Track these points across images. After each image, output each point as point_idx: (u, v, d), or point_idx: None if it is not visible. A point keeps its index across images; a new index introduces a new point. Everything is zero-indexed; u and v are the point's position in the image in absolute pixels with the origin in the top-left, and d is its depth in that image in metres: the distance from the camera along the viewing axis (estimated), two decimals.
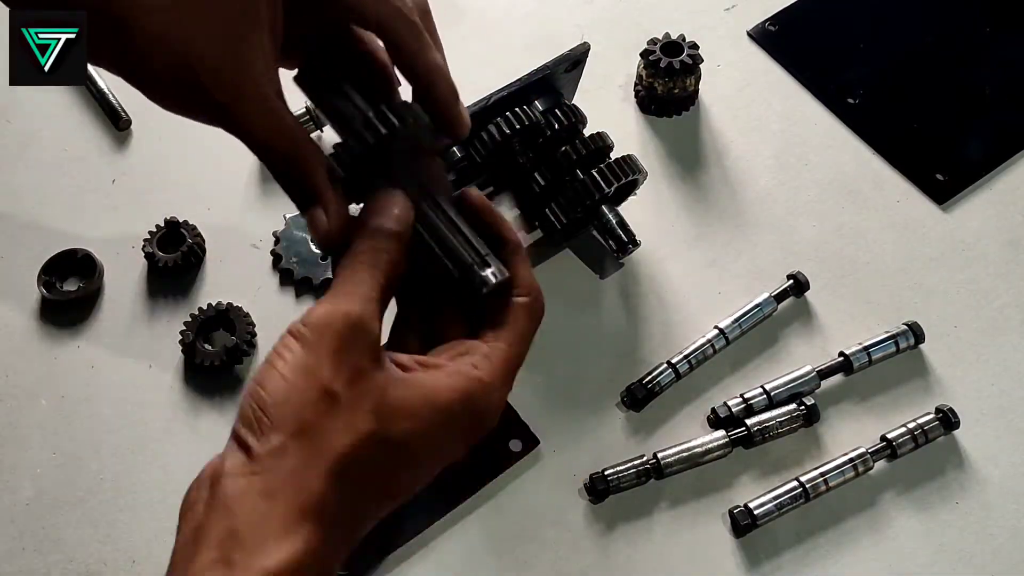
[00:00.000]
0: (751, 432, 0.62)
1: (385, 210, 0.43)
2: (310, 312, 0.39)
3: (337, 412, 0.37)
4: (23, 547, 0.60)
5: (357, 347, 0.39)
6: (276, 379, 0.38)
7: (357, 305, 0.39)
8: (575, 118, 0.67)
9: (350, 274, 0.41)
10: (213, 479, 0.37)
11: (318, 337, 0.38)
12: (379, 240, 0.42)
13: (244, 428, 0.37)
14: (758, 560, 0.59)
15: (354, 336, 0.39)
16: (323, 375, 0.37)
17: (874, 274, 0.70)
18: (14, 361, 0.67)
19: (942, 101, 0.79)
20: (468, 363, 0.42)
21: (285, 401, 0.37)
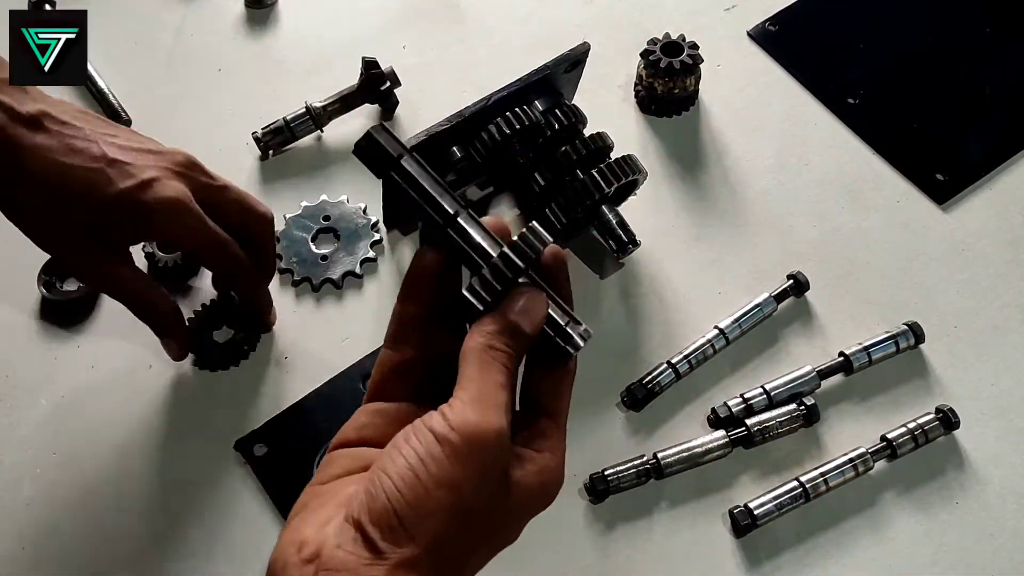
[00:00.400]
0: (751, 432, 0.62)
1: (527, 312, 0.42)
2: (456, 414, 0.39)
3: (470, 532, 0.38)
4: (23, 547, 0.60)
5: (498, 467, 0.39)
6: (416, 485, 0.37)
7: (505, 418, 0.39)
8: (575, 118, 0.67)
9: (490, 374, 0.40)
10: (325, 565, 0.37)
11: (466, 452, 0.38)
12: (515, 339, 0.42)
13: (374, 528, 0.37)
14: (758, 560, 0.59)
15: (499, 453, 0.39)
16: (465, 495, 0.38)
17: (874, 274, 0.70)
18: (14, 361, 0.67)
19: (942, 101, 0.79)
20: (548, 450, 0.43)
21: (424, 514, 0.37)
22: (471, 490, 0.38)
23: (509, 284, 0.42)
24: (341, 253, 0.71)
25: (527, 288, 0.43)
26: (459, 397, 0.40)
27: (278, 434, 0.63)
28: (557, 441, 0.43)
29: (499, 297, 0.42)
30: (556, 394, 0.44)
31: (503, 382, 0.40)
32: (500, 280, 0.42)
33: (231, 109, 0.79)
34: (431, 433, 0.38)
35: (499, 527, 0.41)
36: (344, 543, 0.37)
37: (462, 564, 0.39)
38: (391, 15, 0.86)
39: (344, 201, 0.74)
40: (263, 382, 0.66)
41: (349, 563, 0.37)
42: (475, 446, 0.38)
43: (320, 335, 0.68)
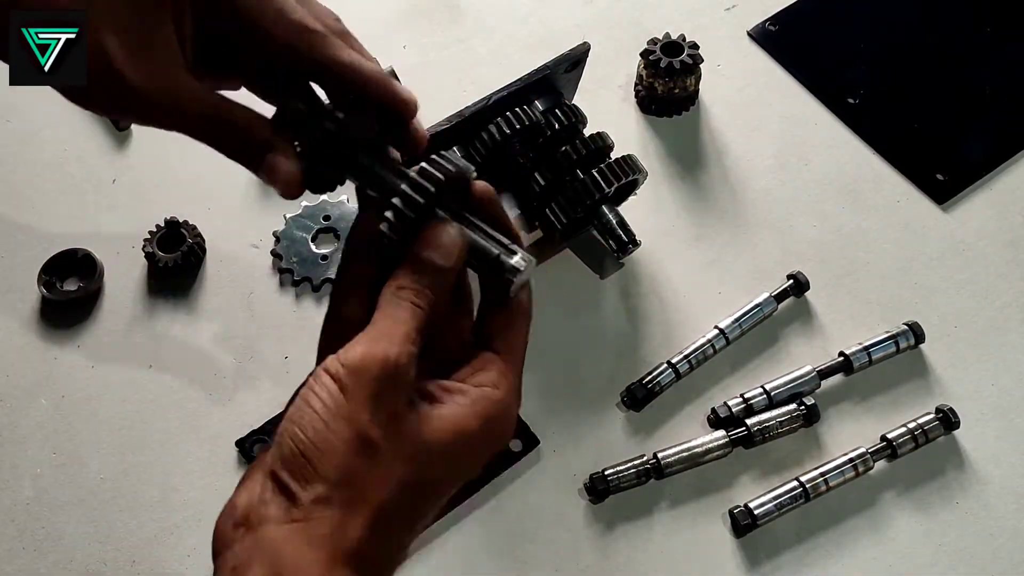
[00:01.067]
0: (751, 432, 0.62)
1: (435, 242, 0.41)
2: (347, 351, 0.39)
3: (377, 461, 0.38)
4: (23, 547, 0.60)
5: (394, 392, 0.39)
6: (317, 424, 0.38)
7: (395, 347, 0.39)
8: (575, 118, 0.67)
9: (392, 311, 0.40)
10: (252, 520, 0.38)
11: (356, 382, 0.38)
12: (427, 275, 0.41)
13: (286, 472, 0.38)
14: (758, 560, 0.59)
15: (391, 382, 0.39)
16: (361, 422, 0.38)
17: (874, 274, 0.70)
18: (14, 361, 0.67)
19: (942, 101, 0.79)
20: (489, 383, 0.42)
21: (328, 450, 0.37)
22: (366, 416, 0.38)
23: (422, 213, 0.41)
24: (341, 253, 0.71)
25: (436, 222, 0.42)
26: (356, 338, 0.40)
27: None
28: (502, 376, 0.42)
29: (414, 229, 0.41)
30: (503, 327, 0.44)
31: (404, 317, 0.40)
32: (412, 208, 0.41)
33: None
34: (325, 373, 0.39)
35: (422, 462, 0.40)
36: (263, 495, 0.38)
37: (382, 501, 0.38)
38: (391, 15, 0.86)
39: (344, 201, 0.74)
40: (263, 382, 0.66)
41: (271, 514, 0.37)
42: (361, 376, 0.38)
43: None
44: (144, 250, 0.70)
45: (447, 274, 0.42)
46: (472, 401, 0.41)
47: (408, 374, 0.39)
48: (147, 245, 0.70)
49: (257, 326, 0.68)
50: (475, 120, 0.64)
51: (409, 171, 0.42)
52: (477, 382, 0.42)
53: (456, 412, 0.41)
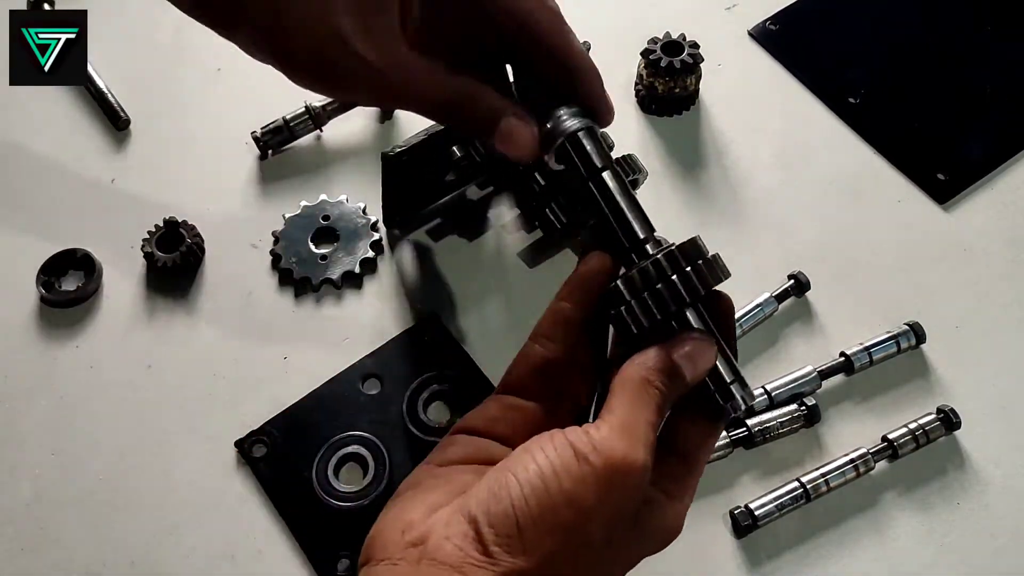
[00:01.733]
0: (752, 432, 0.62)
1: (694, 360, 0.40)
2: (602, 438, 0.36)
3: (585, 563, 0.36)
4: (22, 547, 0.60)
5: (634, 504, 0.37)
6: (544, 497, 0.35)
7: (649, 456, 0.37)
8: None
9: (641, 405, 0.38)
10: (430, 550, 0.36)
11: (605, 480, 0.36)
12: (674, 384, 0.40)
13: (490, 529, 0.36)
14: (759, 561, 0.59)
15: (637, 493, 0.37)
16: (593, 524, 0.36)
17: (875, 274, 0.70)
18: (13, 361, 0.67)
19: (943, 101, 0.79)
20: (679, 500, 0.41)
21: (546, 531, 0.35)
22: (600, 519, 0.36)
23: (669, 316, 0.40)
24: (340, 253, 0.71)
25: (700, 335, 0.40)
26: (607, 421, 0.37)
27: (277, 434, 0.63)
28: (687, 489, 0.42)
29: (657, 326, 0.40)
30: (699, 444, 0.42)
31: (653, 421, 0.38)
32: (661, 309, 0.40)
33: (231, 109, 0.79)
34: (571, 448, 0.36)
35: (611, 564, 0.39)
36: (454, 536, 0.36)
37: None
38: None
39: (343, 201, 0.74)
40: (262, 382, 0.66)
41: (455, 558, 0.35)
42: (617, 476, 0.36)
43: (319, 335, 0.68)
44: (143, 250, 0.70)
45: (683, 391, 0.40)
46: (665, 515, 0.40)
47: (646, 481, 0.38)
48: (146, 245, 0.70)
49: (256, 326, 0.68)
50: None
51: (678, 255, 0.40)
52: (670, 492, 0.41)
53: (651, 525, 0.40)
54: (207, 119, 0.79)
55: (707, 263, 0.41)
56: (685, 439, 0.42)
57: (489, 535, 0.35)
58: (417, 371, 0.65)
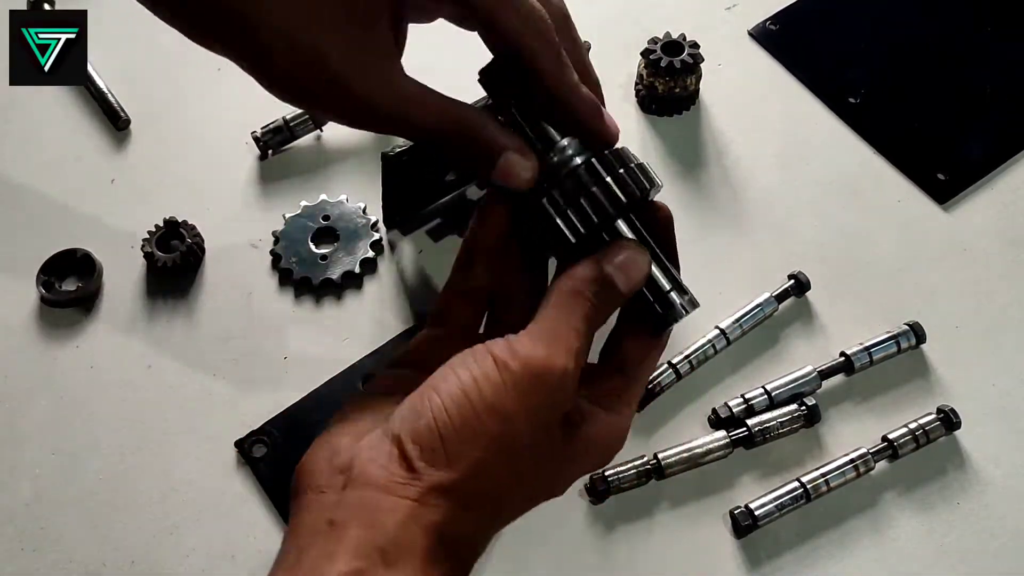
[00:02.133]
0: (752, 432, 0.62)
1: (626, 269, 0.39)
2: (523, 344, 0.36)
3: (513, 468, 0.36)
4: (22, 547, 0.60)
5: (557, 407, 0.37)
6: (465, 407, 0.35)
7: (572, 360, 0.37)
8: None
9: (567, 313, 0.38)
10: (356, 475, 0.35)
11: (526, 384, 0.35)
12: (606, 292, 0.39)
13: (412, 444, 0.35)
14: (759, 561, 0.59)
15: (560, 396, 0.37)
16: (516, 427, 0.35)
17: (875, 274, 0.70)
18: (13, 361, 0.67)
19: (943, 101, 0.79)
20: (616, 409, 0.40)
21: (468, 439, 0.35)
22: (523, 425, 0.35)
23: (608, 220, 0.39)
24: (340, 253, 0.71)
25: (630, 243, 0.40)
26: (529, 330, 0.37)
27: (278, 434, 0.63)
28: (627, 404, 0.41)
29: (594, 233, 0.39)
30: (640, 358, 0.42)
31: (580, 329, 0.38)
32: (599, 214, 0.39)
33: (231, 109, 0.79)
34: (491, 357, 0.36)
35: (545, 477, 0.39)
36: (378, 457, 0.35)
37: (497, 503, 0.37)
38: None
39: (343, 201, 0.74)
40: (263, 382, 0.66)
41: (381, 478, 0.35)
42: (536, 380, 0.35)
43: (319, 335, 0.68)
44: (143, 250, 0.70)
45: (618, 301, 0.40)
46: (602, 428, 0.40)
47: (574, 387, 0.37)
48: (146, 245, 0.70)
49: (256, 326, 0.68)
50: None
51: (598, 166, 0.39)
52: (608, 406, 0.40)
53: (587, 436, 0.39)
54: (207, 119, 0.79)
55: (631, 171, 0.40)
56: (625, 353, 0.42)
57: (413, 451, 0.35)
58: None
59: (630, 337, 0.42)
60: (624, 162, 0.40)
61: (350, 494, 0.35)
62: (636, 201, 0.40)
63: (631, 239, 0.41)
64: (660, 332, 0.42)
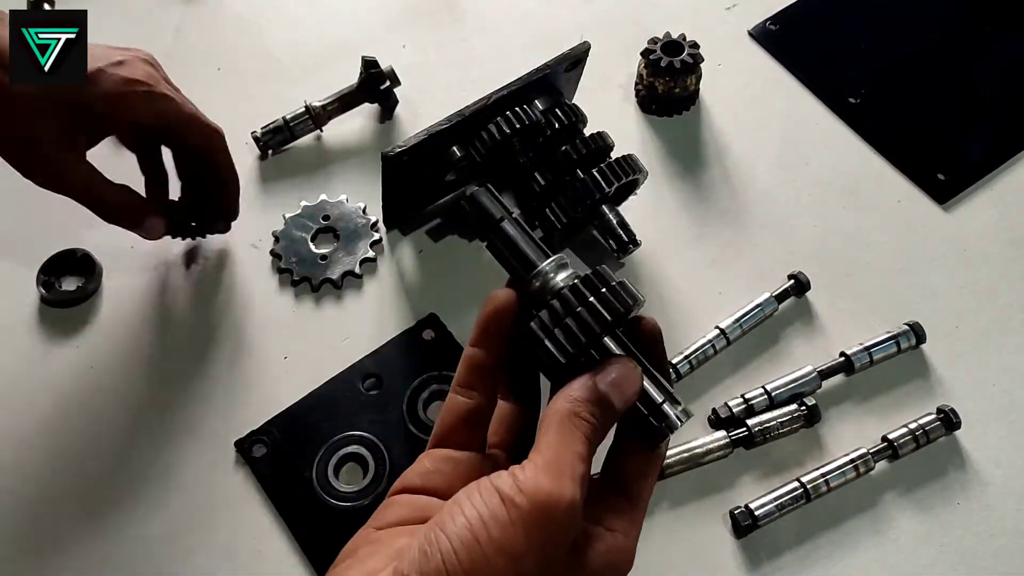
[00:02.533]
0: (752, 432, 0.62)
1: (620, 386, 0.40)
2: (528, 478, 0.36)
3: None
4: (22, 547, 0.60)
5: (565, 541, 0.37)
6: (474, 549, 0.35)
7: (577, 489, 0.36)
8: (575, 117, 0.67)
9: (569, 439, 0.38)
10: None
11: (533, 520, 0.35)
12: (603, 411, 0.39)
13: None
14: (759, 561, 0.59)
15: (568, 527, 0.36)
16: (525, 566, 0.35)
17: (875, 274, 0.70)
18: (13, 361, 0.67)
19: (943, 101, 0.79)
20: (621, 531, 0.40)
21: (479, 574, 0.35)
22: (533, 562, 0.35)
23: (596, 339, 0.40)
24: (340, 253, 0.71)
25: (621, 359, 0.40)
26: (534, 460, 0.37)
27: (277, 434, 0.63)
28: (631, 523, 0.41)
29: (583, 352, 0.40)
30: (640, 474, 0.42)
31: (582, 454, 0.38)
32: (586, 333, 0.39)
33: (231, 109, 0.79)
34: (497, 494, 0.36)
35: None
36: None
37: None
38: (391, 15, 0.86)
39: (343, 201, 0.74)
40: (263, 382, 0.66)
41: None
42: (544, 515, 0.35)
43: (319, 335, 0.68)
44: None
45: (614, 418, 0.40)
46: (608, 550, 0.39)
47: (580, 515, 0.37)
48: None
49: (256, 326, 0.68)
50: (475, 119, 0.64)
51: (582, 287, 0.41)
52: (610, 527, 0.40)
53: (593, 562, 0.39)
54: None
55: (614, 289, 0.41)
56: (625, 472, 0.42)
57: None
58: (417, 371, 0.65)
59: (629, 456, 0.42)
60: (606, 281, 0.41)
61: None
62: (621, 317, 0.41)
63: (621, 355, 0.41)
64: (656, 444, 0.42)
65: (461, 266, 0.71)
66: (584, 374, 0.40)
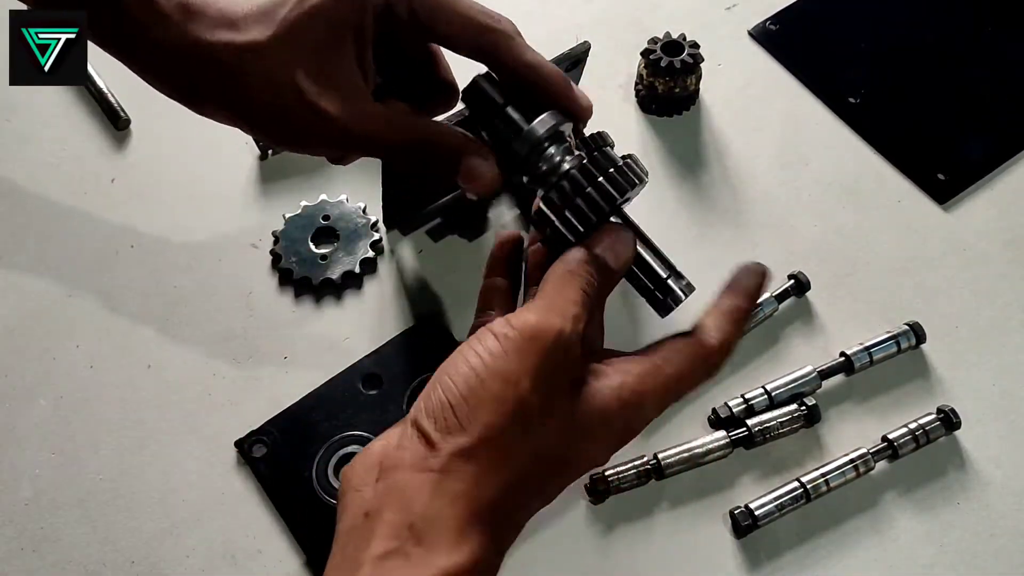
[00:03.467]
0: (752, 432, 0.62)
1: (614, 248, 0.43)
2: (518, 316, 0.39)
3: (527, 429, 0.38)
4: (21, 548, 0.60)
5: (560, 368, 0.38)
6: (471, 378, 0.37)
7: (569, 323, 0.39)
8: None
9: (563, 287, 0.41)
10: (385, 466, 0.38)
11: (524, 347, 0.38)
12: (598, 270, 0.42)
13: (428, 420, 0.37)
14: (759, 561, 0.59)
15: (560, 356, 0.38)
16: (522, 389, 0.37)
17: (875, 274, 0.70)
18: (12, 361, 0.67)
19: (943, 101, 0.79)
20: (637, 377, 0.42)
21: (478, 404, 0.37)
22: (528, 384, 0.37)
23: (604, 217, 0.42)
24: (340, 253, 0.71)
25: (615, 225, 0.43)
26: (527, 305, 0.40)
27: (277, 434, 0.63)
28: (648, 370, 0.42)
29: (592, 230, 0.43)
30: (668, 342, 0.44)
31: (575, 299, 0.40)
32: (595, 211, 0.42)
33: None
34: (491, 333, 0.38)
35: (565, 443, 0.39)
36: (403, 443, 0.38)
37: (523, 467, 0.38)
38: None
39: (343, 201, 0.74)
40: (262, 382, 0.66)
41: (406, 459, 0.37)
42: (533, 342, 0.37)
43: (319, 335, 0.68)
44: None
45: (613, 278, 0.43)
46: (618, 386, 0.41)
47: (576, 352, 0.39)
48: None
49: (256, 326, 0.68)
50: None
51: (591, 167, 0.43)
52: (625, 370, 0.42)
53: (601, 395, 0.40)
54: (207, 119, 0.79)
55: (621, 169, 0.43)
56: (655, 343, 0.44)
57: (428, 426, 0.37)
58: (417, 371, 0.65)
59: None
60: (613, 161, 0.43)
61: (382, 484, 0.37)
62: (627, 197, 0.43)
63: (616, 223, 0.44)
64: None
65: (461, 266, 0.71)
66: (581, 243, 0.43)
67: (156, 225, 0.72)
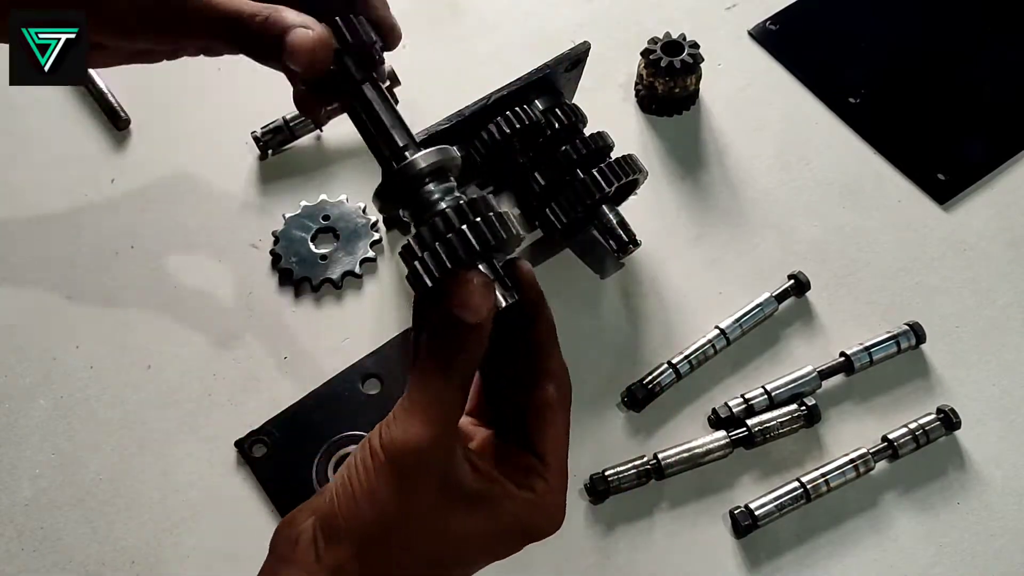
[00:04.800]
0: (752, 432, 0.62)
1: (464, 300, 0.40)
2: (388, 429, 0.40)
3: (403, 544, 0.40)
4: (22, 548, 0.60)
5: (422, 480, 0.40)
6: (349, 496, 0.40)
7: (429, 431, 0.39)
8: (575, 117, 0.67)
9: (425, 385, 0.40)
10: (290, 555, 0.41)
11: (393, 468, 0.39)
12: (457, 337, 0.40)
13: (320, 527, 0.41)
14: (759, 561, 0.59)
15: (421, 469, 0.39)
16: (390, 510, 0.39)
17: (875, 274, 0.70)
18: (13, 361, 0.67)
19: (943, 101, 0.79)
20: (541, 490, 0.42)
21: (352, 519, 0.40)
22: (395, 508, 0.39)
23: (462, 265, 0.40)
24: (340, 253, 0.71)
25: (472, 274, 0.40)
26: (399, 404, 0.41)
27: (277, 434, 0.63)
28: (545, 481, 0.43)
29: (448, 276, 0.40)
30: (540, 426, 0.44)
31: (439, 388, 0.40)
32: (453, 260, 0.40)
33: (230, 109, 0.79)
34: (367, 446, 0.40)
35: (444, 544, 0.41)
36: (301, 541, 0.41)
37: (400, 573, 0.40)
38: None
39: (343, 201, 0.74)
40: (263, 382, 0.66)
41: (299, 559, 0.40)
42: (397, 464, 0.39)
43: (319, 335, 0.68)
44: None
45: (480, 331, 0.40)
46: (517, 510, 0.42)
47: (438, 460, 0.40)
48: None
49: (256, 326, 0.68)
50: (475, 120, 0.64)
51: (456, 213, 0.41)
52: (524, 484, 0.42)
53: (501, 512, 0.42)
54: (207, 119, 0.79)
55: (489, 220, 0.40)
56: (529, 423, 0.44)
57: (319, 533, 0.40)
58: None
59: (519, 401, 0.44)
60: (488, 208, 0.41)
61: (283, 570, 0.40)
62: (490, 249, 0.41)
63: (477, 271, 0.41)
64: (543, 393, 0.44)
65: None
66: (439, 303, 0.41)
67: (156, 225, 0.72)
